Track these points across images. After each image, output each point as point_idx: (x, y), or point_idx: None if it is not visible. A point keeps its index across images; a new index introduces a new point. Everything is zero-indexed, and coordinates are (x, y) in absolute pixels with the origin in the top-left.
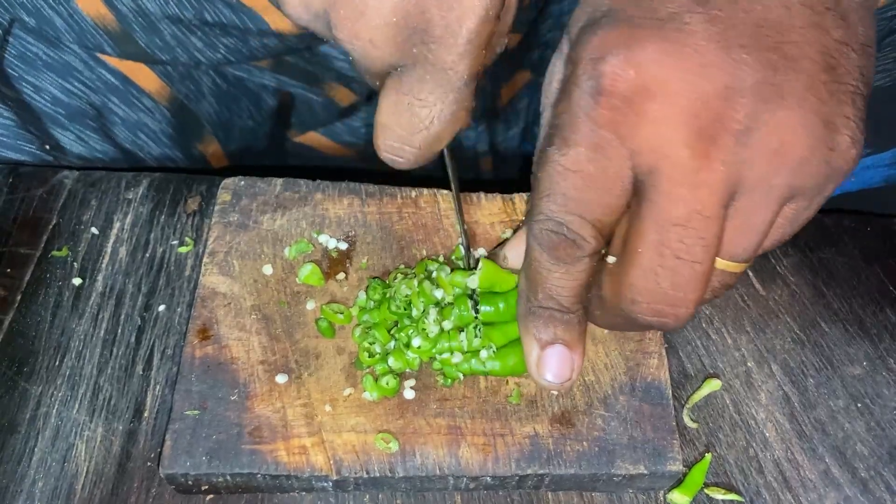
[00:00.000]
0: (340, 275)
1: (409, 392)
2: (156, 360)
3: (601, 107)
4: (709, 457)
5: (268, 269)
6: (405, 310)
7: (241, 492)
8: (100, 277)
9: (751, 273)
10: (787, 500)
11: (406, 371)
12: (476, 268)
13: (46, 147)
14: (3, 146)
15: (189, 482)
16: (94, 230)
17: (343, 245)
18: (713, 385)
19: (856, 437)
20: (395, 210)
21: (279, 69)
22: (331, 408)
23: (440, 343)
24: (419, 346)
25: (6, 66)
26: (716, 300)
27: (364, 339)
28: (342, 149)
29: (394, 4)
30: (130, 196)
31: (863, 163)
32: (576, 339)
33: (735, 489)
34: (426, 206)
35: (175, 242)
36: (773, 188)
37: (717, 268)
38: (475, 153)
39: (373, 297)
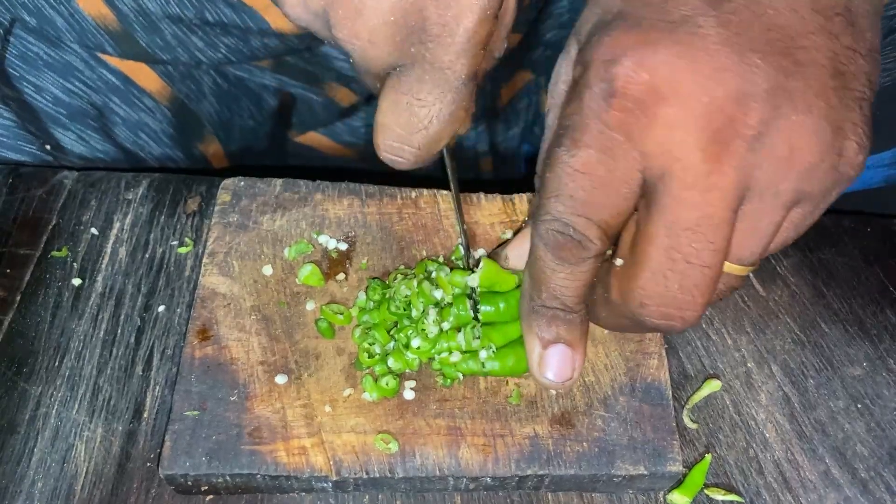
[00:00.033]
0: (340, 275)
1: (409, 393)
2: (155, 361)
3: (613, 109)
4: (709, 457)
5: (267, 270)
6: (405, 310)
7: (241, 492)
8: (99, 278)
9: (751, 274)
10: (787, 501)
11: (406, 372)
12: (476, 268)
13: (47, 147)
14: (4, 146)
15: (189, 483)
16: (94, 230)
17: (343, 245)
18: (713, 386)
19: (856, 438)
20: (395, 210)
21: (280, 69)
22: (330, 408)
23: (439, 343)
24: (418, 347)
25: (7, 66)
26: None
27: (364, 340)
28: (342, 149)
29: (392, 3)
30: (130, 196)
31: None
32: (578, 339)
33: (735, 490)
34: (426, 207)
35: (175, 243)
36: (782, 193)
37: (724, 271)
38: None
39: (372, 298)
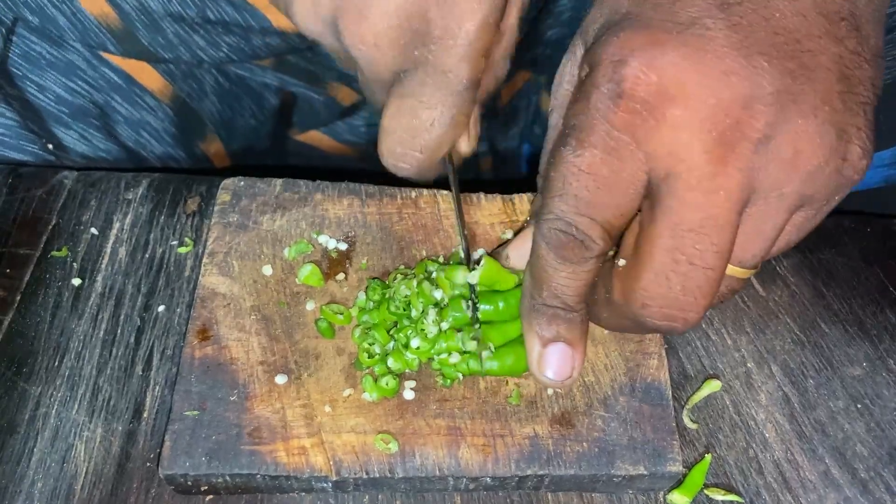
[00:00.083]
0: (340, 275)
1: (409, 393)
2: (155, 361)
3: (620, 110)
4: (708, 457)
5: (267, 270)
6: (404, 310)
7: (241, 492)
8: (99, 278)
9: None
10: (787, 501)
11: (406, 372)
12: (477, 266)
13: (49, 146)
14: (6, 146)
15: (188, 483)
16: (94, 230)
17: (343, 245)
18: (713, 386)
19: (856, 438)
20: (395, 211)
21: (281, 68)
22: (330, 408)
23: (438, 343)
24: (418, 347)
25: (10, 66)
26: None
27: (364, 340)
28: (343, 147)
29: (396, 7)
30: (130, 196)
31: None
32: (578, 338)
33: (735, 490)
34: (426, 207)
35: (175, 243)
36: (786, 196)
37: (727, 273)
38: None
39: (372, 298)
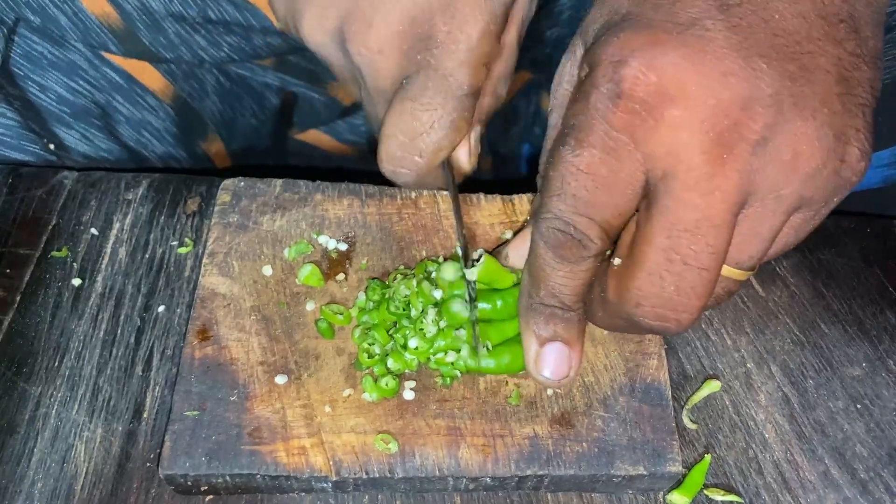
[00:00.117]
0: (340, 276)
1: (409, 393)
2: (155, 361)
3: (619, 110)
4: (708, 458)
5: (267, 270)
6: (404, 310)
7: (241, 492)
8: (99, 278)
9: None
10: (787, 502)
11: (406, 372)
12: (477, 262)
13: (50, 146)
14: (7, 146)
15: (188, 483)
16: (94, 231)
17: (343, 246)
18: (713, 386)
19: (855, 439)
20: (395, 211)
21: (282, 68)
22: (330, 409)
23: (436, 342)
24: (416, 347)
25: (11, 66)
26: None
27: (363, 340)
28: (344, 147)
29: (401, 13)
30: (130, 197)
31: None
32: (575, 337)
33: (734, 490)
34: (426, 208)
35: (175, 243)
36: (784, 198)
37: (722, 274)
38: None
39: (372, 298)
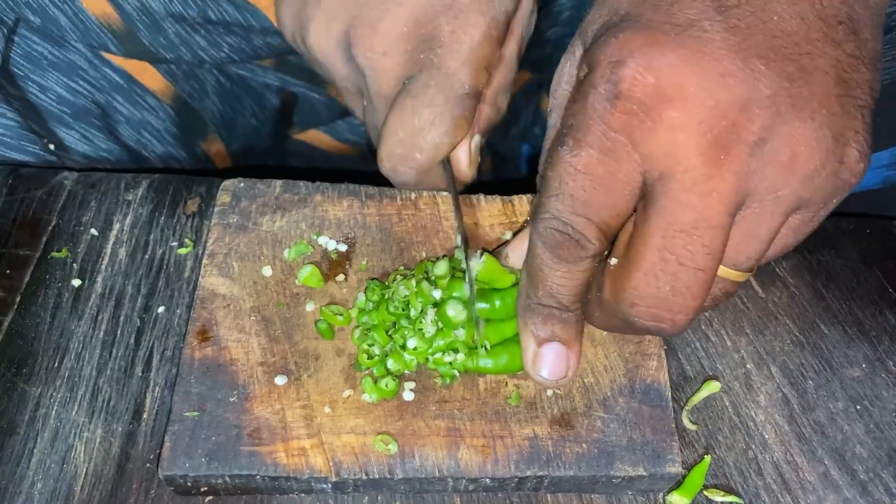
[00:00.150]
0: (340, 276)
1: (409, 394)
2: (155, 362)
3: (617, 110)
4: (708, 458)
5: (267, 271)
6: (403, 310)
7: (241, 493)
8: (99, 279)
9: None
10: (787, 502)
11: (405, 373)
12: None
13: (50, 146)
14: (7, 146)
15: (188, 484)
16: (94, 231)
17: (342, 247)
18: (712, 387)
19: (855, 440)
20: (395, 212)
21: (282, 68)
22: (330, 409)
23: (435, 342)
24: (415, 348)
25: (11, 66)
26: None
27: (363, 341)
28: (343, 147)
29: (406, 15)
30: (130, 197)
31: None
32: (573, 338)
33: (734, 491)
34: (426, 208)
35: (174, 244)
36: (781, 199)
37: (720, 276)
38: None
39: (371, 299)
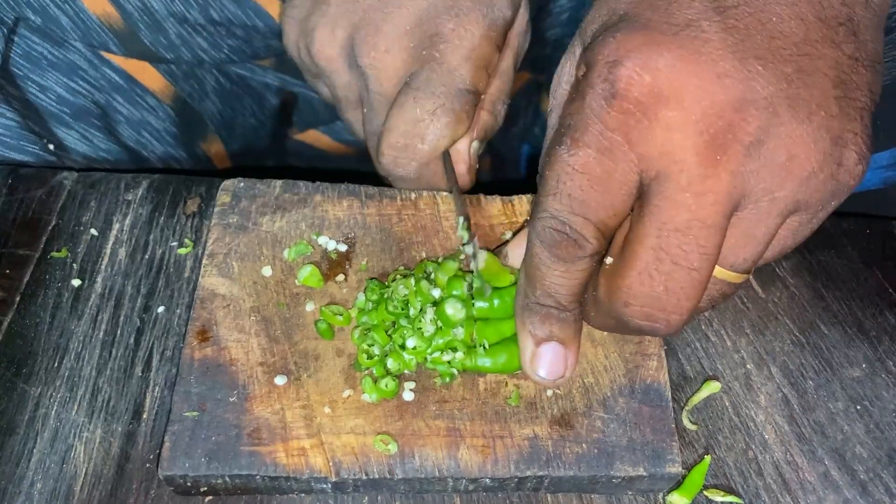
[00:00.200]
0: (340, 276)
1: (409, 394)
2: (155, 362)
3: (613, 110)
4: (708, 459)
5: (267, 271)
6: (402, 310)
7: (240, 493)
8: (99, 279)
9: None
10: (787, 503)
11: (405, 373)
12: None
13: (50, 146)
14: (6, 146)
15: (188, 484)
16: (94, 231)
17: (342, 247)
18: (712, 387)
19: (855, 440)
20: (395, 212)
21: (282, 68)
22: (330, 409)
23: (434, 341)
24: (414, 347)
25: (11, 66)
26: None
27: (363, 341)
28: (343, 147)
29: (408, 14)
30: (130, 197)
31: None
32: (571, 337)
33: (734, 491)
34: (426, 208)
35: (174, 244)
36: (778, 200)
37: (717, 277)
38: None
39: (371, 298)
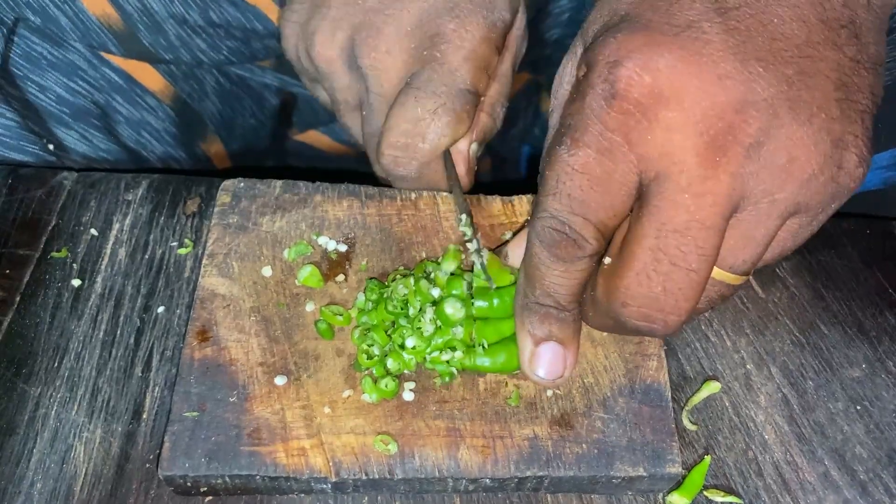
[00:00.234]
0: (340, 277)
1: (409, 394)
2: (155, 362)
3: (613, 110)
4: (708, 459)
5: (267, 271)
6: (402, 309)
7: (240, 493)
8: (99, 279)
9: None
10: (786, 503)
11: (405, 373)
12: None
13: (50, 147)
14: (6, 146)
15: (188, 484)
16: (94, 231)
17: (342, 247)
18: (712, 387)
19: (855, 440)
20: (395, 212)
21: (282, 69)
22: (330, 409)
23: (434, 340)
24: (413, 347)
25: (11, 66)
26: None
27: (363, 341)
28: (342, 147)
29: (409, 15)
30: (130, 197)
31: None
32: (570, 337)
33: (734, 491)
34: (426, 209)
35: (174, 244)
36: (778, 202)
37: (716, 278)
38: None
39: (370, 298)
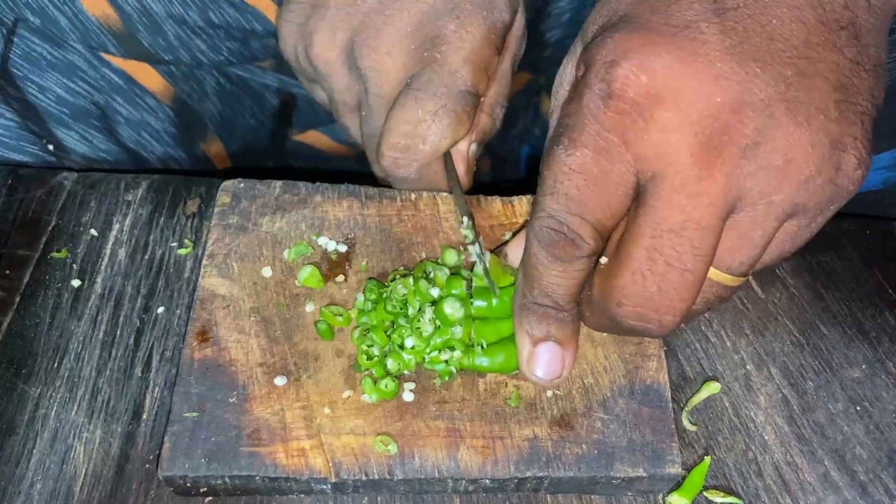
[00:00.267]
0: (340, 277)
1: (408, 395)
2: (154, 362)
3: (610, 110)
4: (708, 459)
5: (267, 272)
6: (401, 309)
7: (240, 494)
8: (99, 279)
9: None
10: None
11: (405, 373)
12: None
13: (49, 147)
14: (6, 147)
15: (188, 484)
16: (94, 232)
17: (342, 247)
18: (712, 388)
19: (855, 441)
20: (395, 212)
21: (281, 69)
22: (330, 410)
23: (433, 340)
24: (412, 347)
25: (11, 66)
26: None
27: (362, 342)
28: (342, 147)
29: (409, 17)
30: (130, 198)
31: None
32: (568, 337)
33: (734, 492)
34: (426, 209)
35: (174, 244)
36: (775, 204)
37: (713, 279)
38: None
39: (369, 298)
